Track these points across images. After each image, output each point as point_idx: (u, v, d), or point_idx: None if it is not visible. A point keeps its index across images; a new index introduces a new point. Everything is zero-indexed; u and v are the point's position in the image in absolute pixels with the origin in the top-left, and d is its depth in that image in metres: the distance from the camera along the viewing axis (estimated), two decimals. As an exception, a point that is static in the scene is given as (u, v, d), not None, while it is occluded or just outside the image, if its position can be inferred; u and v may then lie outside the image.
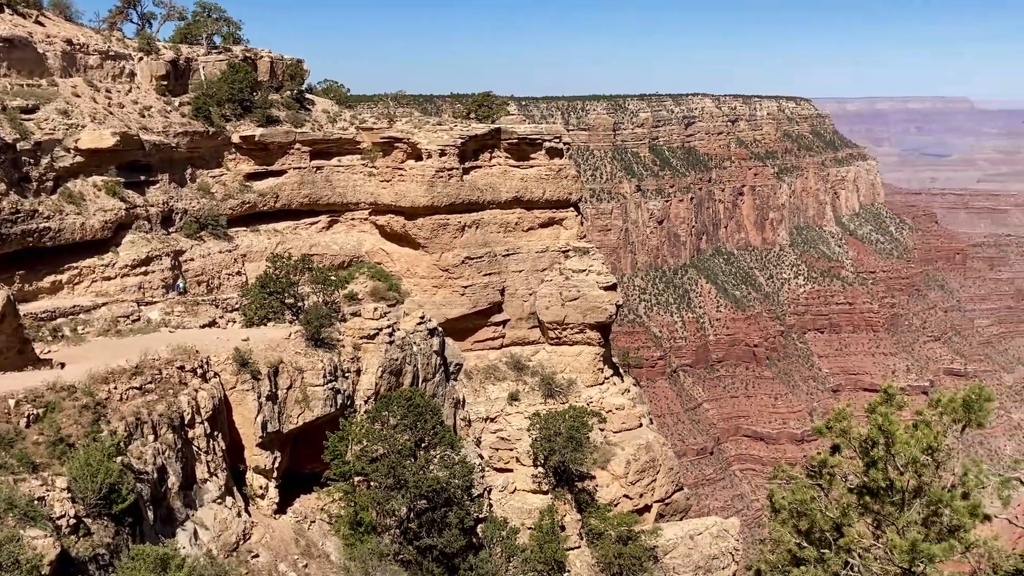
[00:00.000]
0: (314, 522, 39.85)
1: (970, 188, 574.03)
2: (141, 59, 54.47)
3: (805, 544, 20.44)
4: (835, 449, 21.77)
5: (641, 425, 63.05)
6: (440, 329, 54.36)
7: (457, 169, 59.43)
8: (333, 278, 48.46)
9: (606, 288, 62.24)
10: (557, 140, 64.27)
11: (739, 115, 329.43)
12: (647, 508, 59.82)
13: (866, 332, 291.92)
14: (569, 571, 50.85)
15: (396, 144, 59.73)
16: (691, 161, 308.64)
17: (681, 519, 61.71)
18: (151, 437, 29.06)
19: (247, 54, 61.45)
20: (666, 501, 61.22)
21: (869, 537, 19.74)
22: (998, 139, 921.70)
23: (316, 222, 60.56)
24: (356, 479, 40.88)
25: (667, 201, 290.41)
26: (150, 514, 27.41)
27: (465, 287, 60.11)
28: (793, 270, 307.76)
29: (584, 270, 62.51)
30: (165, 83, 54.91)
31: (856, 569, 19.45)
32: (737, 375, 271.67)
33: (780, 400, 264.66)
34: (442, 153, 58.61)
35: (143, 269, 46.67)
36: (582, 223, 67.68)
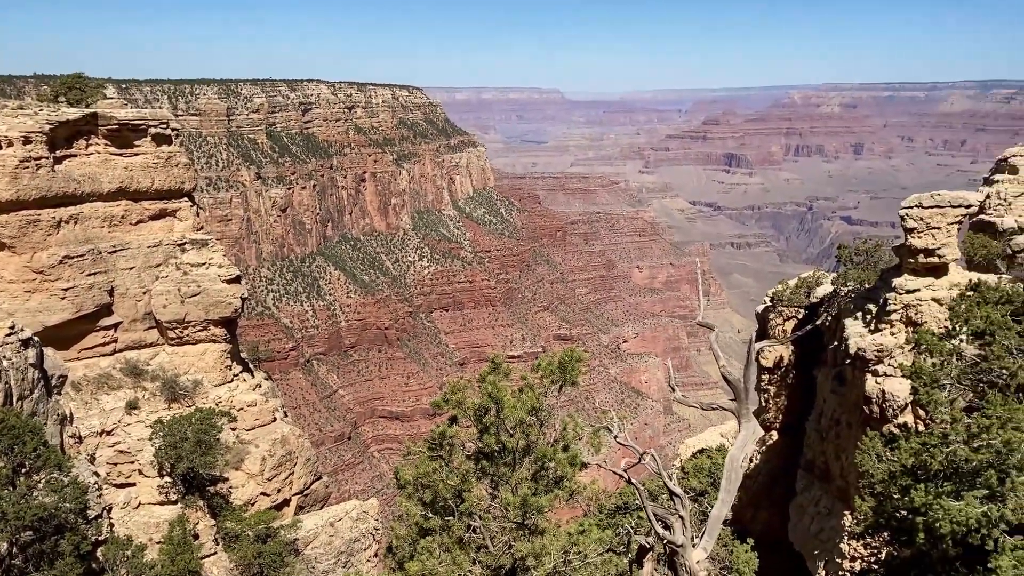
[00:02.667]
0: None
1: (565, 172, 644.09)
2: None
3: (430, 515, 21.62)
4: (453, 420, 23.21)
5: (275, 420, 61.75)
6: (37, 339, 48.29)
7: (47, 158, 53.14)
8: None
9: (229, 281, 59.75)
10: (164, 126, 60.08)
11: (355, 102, 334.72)
12: (286, 502, 58.98)
13: (486, 307, 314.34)
14: (206, 580, 48.55)
15: (-34, 131, 51.84)
16: (311, 148, 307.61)
17: (321, 508, 61.71)
18: None
19: None
20: (305, 492, 60.82)
21: (487, 499, 21.41)
22: (585, 127, 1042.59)
23: None
24: (-62, 521, 35.24)
25: (289, 189, 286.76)
26: None
27: (66, 290, 54.16)
28: (417, 253, 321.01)
29: (203, 263, 59.39)
30: None
31: (478, 531, 20.99)
32: (371, 358, 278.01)
33: (412, 378, 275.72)
34: (26, 141, 51.98)
35: None
36: (198, 214, 64.18)
